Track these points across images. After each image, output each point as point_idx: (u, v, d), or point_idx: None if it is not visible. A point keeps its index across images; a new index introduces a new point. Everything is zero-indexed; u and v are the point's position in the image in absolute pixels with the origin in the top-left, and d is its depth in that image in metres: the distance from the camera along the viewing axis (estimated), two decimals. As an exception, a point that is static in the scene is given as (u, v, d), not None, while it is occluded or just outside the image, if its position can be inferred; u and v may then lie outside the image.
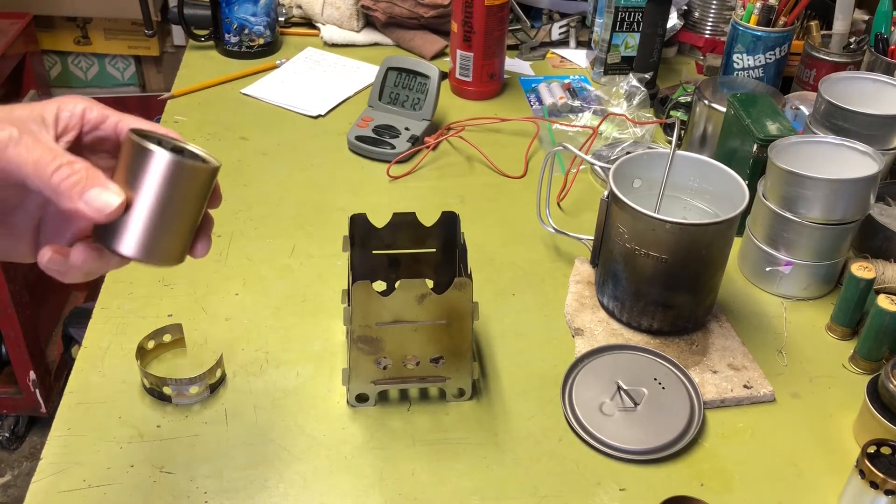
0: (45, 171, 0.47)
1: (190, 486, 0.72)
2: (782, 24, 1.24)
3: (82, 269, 0.51)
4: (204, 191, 0.53)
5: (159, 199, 0.50)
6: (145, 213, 0.50)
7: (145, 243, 0.51)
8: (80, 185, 0.47)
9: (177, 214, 0.51)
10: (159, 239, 0.51)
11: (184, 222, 0.52)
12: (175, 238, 0.52)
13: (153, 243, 0.51)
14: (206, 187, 0.53)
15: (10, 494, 1.88)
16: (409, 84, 1.24)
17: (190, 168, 0.50)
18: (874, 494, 0.68)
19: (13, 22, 1.80)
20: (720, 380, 0.83)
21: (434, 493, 0.73)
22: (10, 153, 0.47)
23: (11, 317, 1.71)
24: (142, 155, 0.49)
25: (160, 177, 0.49)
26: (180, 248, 0.53)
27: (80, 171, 0.48)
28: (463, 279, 0.73)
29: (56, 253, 0.50)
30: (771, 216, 0.93)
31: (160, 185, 0.50)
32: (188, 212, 0.52)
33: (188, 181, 0.51)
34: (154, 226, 0.50)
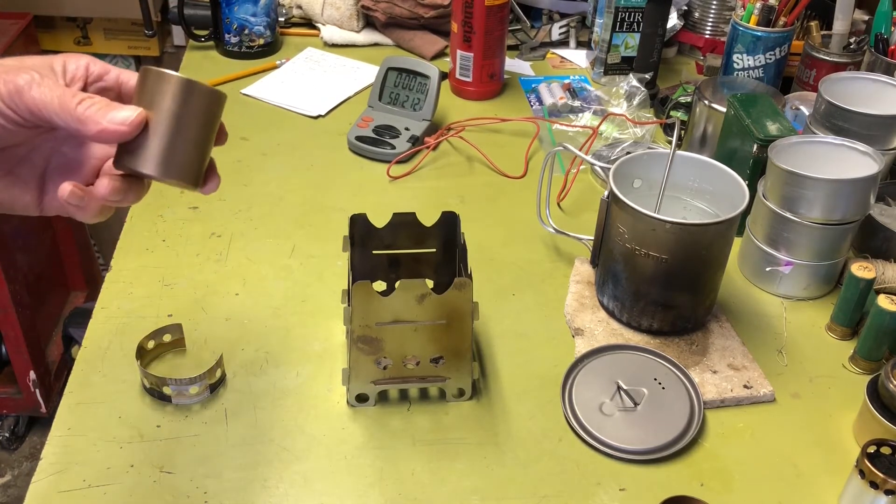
0: (70, 104, 0.51)
1: (190, 486, 0.72)
2: (782, 24, 1.24)
3: (107, 198, 0.55)
4: (214, 115, 0.57)
5: (175, 116, 0.54)
6: (162, 130, 0.54)
7: (164, 159, 0.55)
8: (102, 109, 0.52)
9: (191, 132, 0.55)
10: (176, 155, 0.55)
11: (197, 141, 0.56)
12: (190, 155, 0.56)
13: (170, 159, 0.55)
14: (215, 111, 0.57)
15: (10, 494, 1.88)
16: (409, 84, 1.24)
17: (201, 89, 0.55)
18: (874, 494, 0.68)
19: (13, 22, 1.80)
20: (720, 380, 0.83)
21: (434, 493, 0.73)
22: (34, 93, 0.51)
23: (11, 317, 1.71)
24: (158, 80, 0.54)
25: (175, 96, 0.54)
26: (196, 167, 0.57)
27: (100, 101, 0.52)
28: (463, 279, 0.73)
29: (76, 187, 0.54)
30: (771, 216, 0.93)
31: (175, 104, 0.54)
32: (201, 132, 0.56)
33: (200, 102, 0.55)
34: (171, 142, 0.55)
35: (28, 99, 0.51)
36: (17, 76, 0.51)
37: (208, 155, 0.58)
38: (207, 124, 0.57)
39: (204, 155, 0.57)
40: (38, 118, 0.52)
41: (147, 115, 0.54)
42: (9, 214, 0.65)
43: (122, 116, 0.52)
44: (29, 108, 0.51)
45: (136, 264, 0.96)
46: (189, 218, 1.04)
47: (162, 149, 0.55)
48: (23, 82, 0.51)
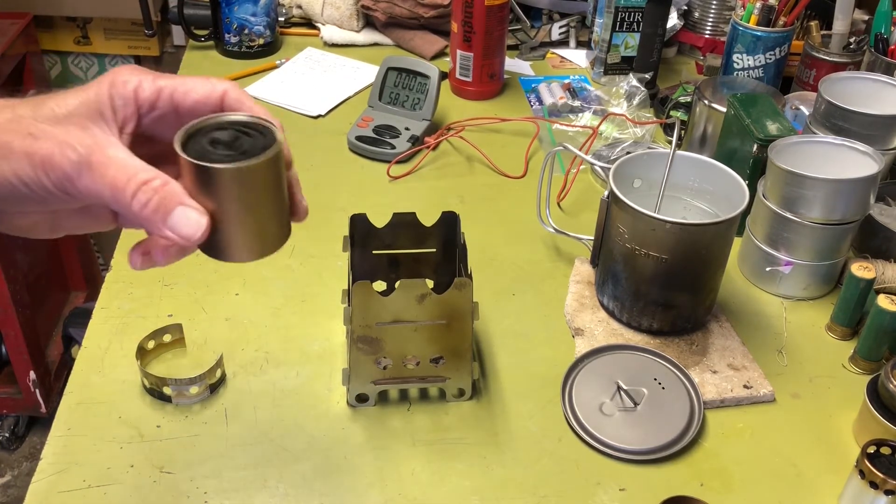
0: (125, 198, 0.47)
1: (190, 486, 0.72)
2: (782, 24, 1.24)
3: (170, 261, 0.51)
4: (278, 178, 0.50)
5: (241, 208, 0.49)
6: (236, 223, 0.49)
7: (249, 247, 0.50)
8: (161, 209, 0.47)
9: (263, 209, 0.50)
10: (259, 236, 0.50)
11: (272, 211, 0.51)
12: (270, 227, 0.51)
13: (255, 243, 0.50)
14: (278, 173, 0.50)
15: (10, 494, 1.88)
16: (409, 84, 1.24)
17: (253, 169, 0.48)
18: (874, 494, 0.68)
19: (13, 22, 1.80)
20: (720, 380, 0.83)
21: (434, 493, 0.73)
22: (85, 182, 0.46)
23: (11, 317, 1.71)
24: (207, 176, 0.47)
25: (233, 190, 0.48)
26: (280, 231, 0.52)
27: (158, 192, 0.47)
28: (463, 279, 0.73)
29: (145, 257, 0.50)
30: (771, 216, 0.93)
31: (236, 196, 0.48)
32: (273, 201, 0.50)
33: (258, 180, 0.49)
34: (249, 230, 0.50)
35: (81, 188, 0.47)
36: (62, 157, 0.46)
37: (287, 208, 0.52)
38: (276, 189, 0.50)
39: (284, 214, 0.52)
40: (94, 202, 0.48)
41: (212, 210, 0.48)
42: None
43: (187, 233, 0.47)
44: (83, 194, 0.47)
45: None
46: (189, 218, 1.04)
47: (243, 239, 0.50)
48: (70, 169, 0.46)
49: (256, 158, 0.47)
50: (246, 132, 0.49)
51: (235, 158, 0.47)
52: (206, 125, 0.49)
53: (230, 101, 0.51)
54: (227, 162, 0.47)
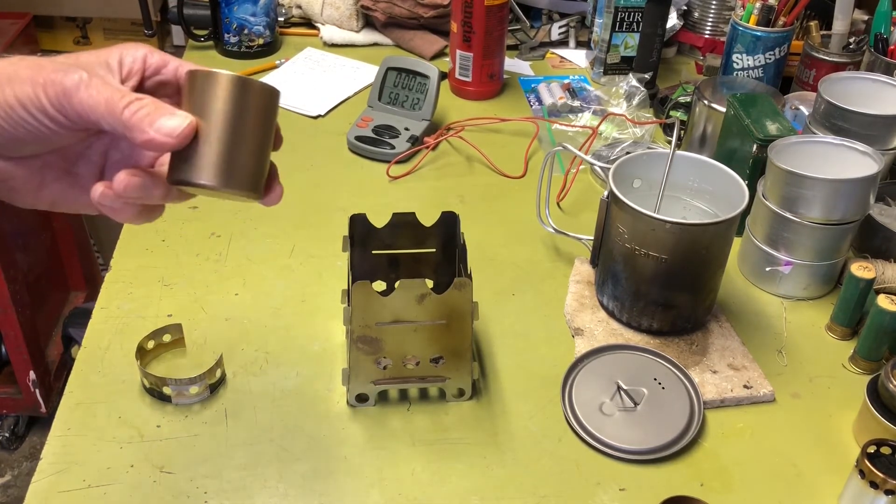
0: (117, 108, 0.49)
1: (190, 486, 0.72)
2: (782, 24, 1.24)
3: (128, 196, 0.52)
4: (270, 114, 0.52)
5: (229, 120, 0.50)
6: (216, 137, 0.50)
7: (221, 168, 0.50)
8: (149, 115, 0.49)
9: (248, 136, 0.51)
10: (233, 162, 0.50)
11: (255, 145, 0.52)
12: (249, 161, 0.51)
13: (228, 167, 0.50)
14: (271, 110, 0.52)
15: (10, 494, 1.88)
16: (408, 84, 1.24)
17: (254, 87, 0.50)
18: (874, 494, 0.68)
19: (13, 22, 1.80)
20: (720, 380, 0.83)
21: (434, 493, 0.73)
22: (81, 95, 0.48)
23: (11, 317, 1.71)
24: (207, 81, 0.50)
25: (227, 98, 0.50)
26: (256, 174, 0.52)
27: (149, 104, 0.49)
28: (463, 279, 0.73)
29: (106, 188, 0.51)
30: (771, 216, 0.93)
31: (228, 107, 0.50)
32: (258, 135, 0.51)
33: (255, 101, 0.51)
34: (227, 149, 0.50)
35: (76, 102, 0.48)
36: (65, 76, 0.48)
37: (268, 160, 0.53)
38: (264, 125, 0.52)
39: (263, 160, 0.52)
40: (87, 122, 0.49)
41: (198, 122, 0.50)
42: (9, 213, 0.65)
43: (170, 127, 0.49)
44: (77, 111, 0.49)
45: (136, 264, 0.96)
46: (189, 218, 1.04)
47: (218, 157, 0.50)
48: (70, 84, 0.48)
49: (258, 82, 0.50)
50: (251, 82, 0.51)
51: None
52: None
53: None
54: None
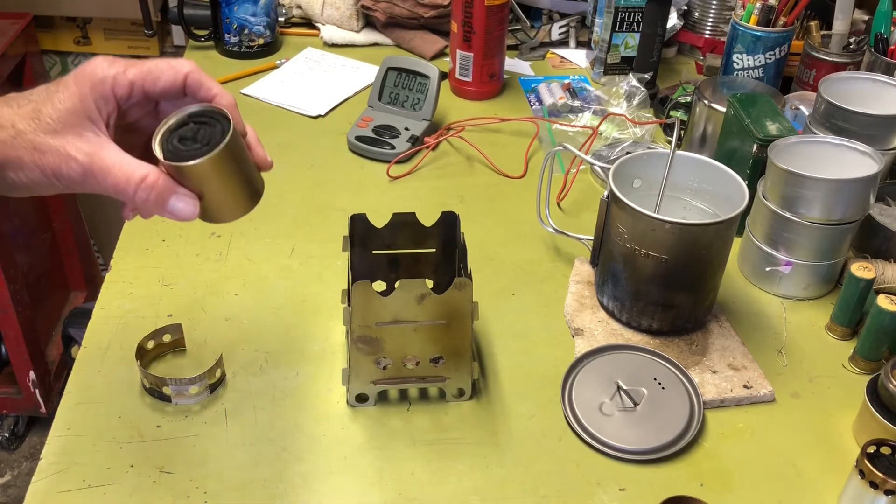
0: (127, 193, 0.57)
1: (190, 486, 0.72)
2: (782, 24, 1.24)
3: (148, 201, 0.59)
4: (237, 150, 0.60)
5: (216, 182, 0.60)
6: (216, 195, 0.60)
7: (231, 208, 0.62)
8: (160, 199, 0.57)
9: (234, 178, 0.60)
10: (238, 198, 0.62)
11: (241, 177, 0.61)
12: (246, 187, 0.62)
13: (236, 204, 0.62)
14: (236, 147, 0.59)
15: (10, 494, 1.88)
16: (408, 84, 1.24)
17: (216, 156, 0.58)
18: (874, 494, 0.68)
19: (13, 22, 1.80)
20: (720, 380, 0.83)
21: (434, 493, 0.73)
22: (90, 185, 0.57)
23: (11, 317, 1.71)
24: (179, 171, 0.58)
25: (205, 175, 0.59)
26: (254, 189, 0.62)
27: (154, 188, 0.57)
28: (463, 279, 0.73)
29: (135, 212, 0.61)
30: (771, 216, 0.93)
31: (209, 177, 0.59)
32: (238, 169, 0.61)
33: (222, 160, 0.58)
34: (229, 196, 0.61)
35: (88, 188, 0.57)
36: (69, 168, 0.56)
37: (254, 169, 0.63)
38: (239, 161, 0.61)
39: (252, 175, 0.62)
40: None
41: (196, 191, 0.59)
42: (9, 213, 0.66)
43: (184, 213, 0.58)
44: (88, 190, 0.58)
45: (136, 264, 0.96)
46: (189, 218, 1.04)
47: (226, 205, 0.61)
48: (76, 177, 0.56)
49: (217, 148, 0.57)
50: (204, 121, 0.60)
51: (201, 152, 0.58)
52: (172, 125, 0.60)
53: (191, 83, 0.60)
54: (196, 156, 0.57)
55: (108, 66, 0.58)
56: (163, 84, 0.60)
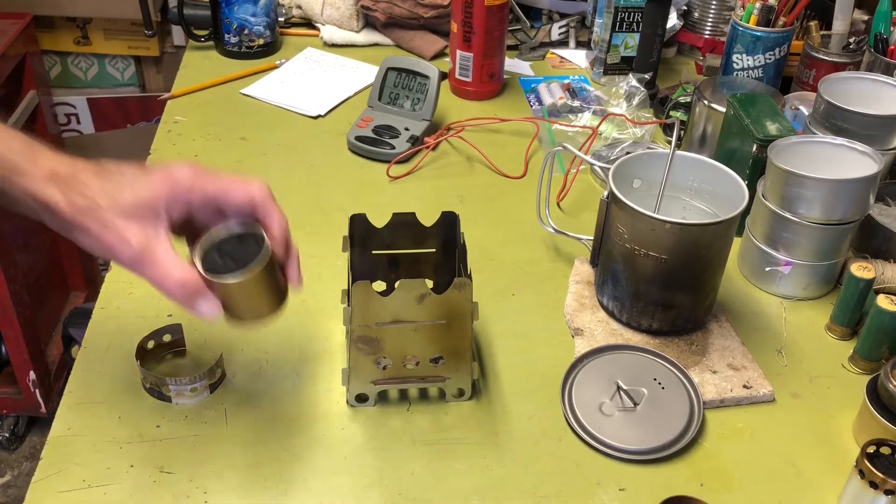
0: (163, 287, 0.65)
1: (190, 486, 0.72)
2: (782, 24, 1.24)
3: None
4: (268, 273, 0.67)
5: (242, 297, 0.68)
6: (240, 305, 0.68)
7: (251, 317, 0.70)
8: (189, 300, 0.66)
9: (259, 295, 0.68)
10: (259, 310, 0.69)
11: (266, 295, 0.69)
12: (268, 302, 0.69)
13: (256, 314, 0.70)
14: (267, 271, 0.67)
15: (9, 494, 1.88)
16: (408, 84, 1.24)
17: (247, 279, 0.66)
18: (874, 494, 0.68)
19: (13, 22, 1.80)
20: (720, 380, 0.83)
21: (434, 493, 0.73)
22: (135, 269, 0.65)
23: (11, 317, 1.71)
24: (213, 284, 0.66)
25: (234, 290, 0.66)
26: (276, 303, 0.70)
27: (186, 289, 0.65)
28: (463, 279, 0.73)
29: None
30: (770, 216, 0.93)
31: (237, 293, 0.67)
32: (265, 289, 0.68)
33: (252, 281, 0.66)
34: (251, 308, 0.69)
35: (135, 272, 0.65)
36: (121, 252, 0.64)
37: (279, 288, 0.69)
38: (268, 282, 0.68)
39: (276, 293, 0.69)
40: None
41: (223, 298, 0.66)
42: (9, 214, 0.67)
43: (207, 314, 0.66)
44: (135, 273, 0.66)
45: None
46: (189, 218, 1.04)
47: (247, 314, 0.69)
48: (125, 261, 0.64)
49: (248, 274, 0.65)
50: (247, 241, 0.68)
51: (234, 270, 0.66)
52: (216, 238, 0.68)
53: (257, 206, 0.69)
54: (229, 274, 0.66)
55: (192, 177, 0.67)
56: (233, 202, 0.68)
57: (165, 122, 1.26)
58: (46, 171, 0.65)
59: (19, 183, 0.64)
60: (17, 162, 0.65)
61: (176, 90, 1.33)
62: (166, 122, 1.26)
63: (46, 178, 0.64)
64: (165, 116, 1.27)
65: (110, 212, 0.64)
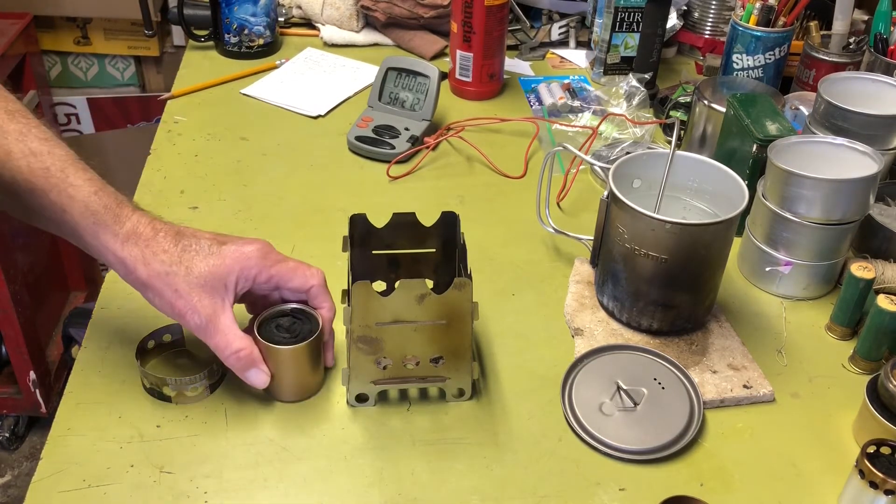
0: (223, 354, 0.73)
1: (190, 486, 0.72)
2: (782, 24, 1.24)
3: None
4: (315, 350, 0.78)
5: (290, 367, 0.77)
6: (286, 377, 0.78)
7: (293, 392, 0.80)
8: (244, 367, 0.74)
9: (303, 369, 0.78)
10: (301, 386, 0.80)
11: (309, 371, 0.79)
12: (309, 380, 0.80)
13: (298, 390, 0.80)
14: (315, 348, 0.78)
15: (10, 494, 1.88)
16: (408, 84, 1.24)
17: (298, 349, 0.76)
18: (874, 494, 0.68)
19: (13, 22, 1.80)
20: (720, 380, 0.83)
21: (434, 493, 0.73)
22: (199, 334, 0.73)
23: (11, 317, 1.71)
24: (268, 350, 0.75)
25: (285, 360, 0.76)
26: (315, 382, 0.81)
27: (242, 360, 0.73)
28: (463, 279, 0.73)
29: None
30: (770, 216, 0.93)
31: (287, 363, 0.77)
32: (310, 365, 0.79)
33: (301, 354, 0.76)
34: (294, 382, 0.79)
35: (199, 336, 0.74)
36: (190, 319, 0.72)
37: (320, 368, 0.80)
38: (313, 359, 0.78)
39: (317, 372, 0.80)
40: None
41: (272, 368, 0.76)
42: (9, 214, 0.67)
43: (256, 381, 0.75)
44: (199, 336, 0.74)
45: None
46: (189, 218, 1.04)
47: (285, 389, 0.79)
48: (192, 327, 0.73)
49: (300, 344, 0.76)
50: (299, 318, 0.78)
51: (289, 341, 0.76)
52: (274, 312, 0.78)
53: (312, 293, 0.77)
54: (283, 343, 0.75)
55: (261, 259, 0.73)
56: (292, 285, 0.76)
57: (165, 122, 1.26)
58: (129, 230, 0.70)
59: (102, 237, 0.70)
60: (102, 216, 0.69)
61: (176, 90, 1.33)
62: (166, 122, 1.26)
63: (128, 237, 0.70)
64: (165, 116, 1.27)
65: (185, 281, 0.70)
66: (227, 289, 0.72)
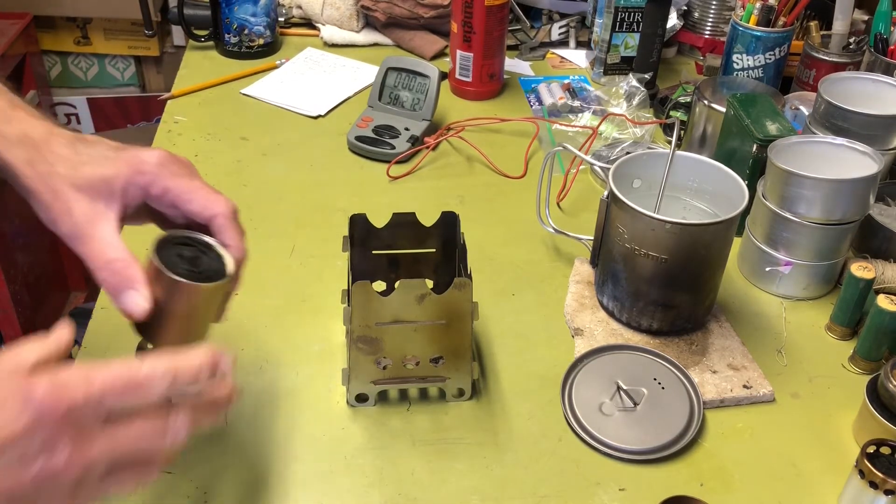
0: (94, 266, 0.59)
1: (190, 487, 0.72)
2: (782, 24, 1.24)
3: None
4: (216, 299, 0.61)
5: (180, 309, 0.59)
6: (170, 318, 0.59)
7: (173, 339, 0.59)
8: (117, 286, 0.58)
9: (195, 317, 0.60)
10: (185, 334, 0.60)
11: (200, 320, 0.61)
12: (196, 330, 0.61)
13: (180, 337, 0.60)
14: (217, 296, 0.61)
15: (10, 494, 1.87)
16: (408, 84, 1.24)
17: (199, 290, 0.58)
18: (874, 494, 0.68)
19: (13, 22, 1.80)
20: (720, 380, 0.83)
21: (434, 493, 0.73)
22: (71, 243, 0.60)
23: (11, 317, 1.71)
24: (162, 278, 0.57)
25: (178, 296, 0.58)
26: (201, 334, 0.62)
27: (117, 274, 0.58)
28: (463, 279, 0.73)
29: None
30: (770, 216, 0.93)
31: (179, 301, 0.58)
32: (203, 314, 0.61)
33: (199, 297, 0.59)
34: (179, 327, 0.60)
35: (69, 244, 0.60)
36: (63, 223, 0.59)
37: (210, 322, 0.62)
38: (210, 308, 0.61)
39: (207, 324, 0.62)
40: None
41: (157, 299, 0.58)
42: (9, 214, 0.66)
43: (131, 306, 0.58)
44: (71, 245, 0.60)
45: (136, 264, 0.96)
46: (189, 218, 1.04)
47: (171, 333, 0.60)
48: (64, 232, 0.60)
49: (210, 283, 0.58)
50: (206, 253, 0.61)
51: (191, 275, 0.58)
52: (178, 236, 0.61)
53: (216, 226, 0.62)
54: (184, 277, 0.57)
55: (157, 167, 0.61)
56: (191, 208, 0.62)
57: (165, 122, 1.26)
58: (19, 133, 0.62)
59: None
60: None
61: (176, 90, 1.33)
62: (166, 122, 1.26)
63: (17, 140, 0.61)
64: (165, 116, 1.27)
65: (66, 182, 0.60)
66: (113, 194, 0.61)
